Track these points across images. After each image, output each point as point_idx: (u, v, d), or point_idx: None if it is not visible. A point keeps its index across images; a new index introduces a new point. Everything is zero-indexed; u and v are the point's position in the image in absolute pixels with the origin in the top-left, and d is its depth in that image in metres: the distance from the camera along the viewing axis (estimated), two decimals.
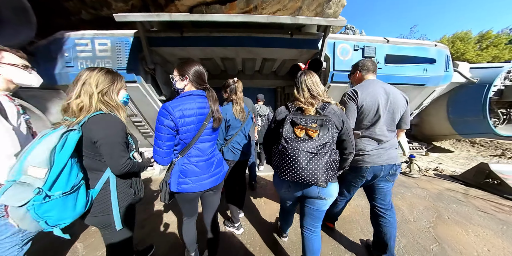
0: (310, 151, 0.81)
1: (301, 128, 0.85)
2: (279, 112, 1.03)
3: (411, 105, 3.50)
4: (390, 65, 2.84)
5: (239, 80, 1.54)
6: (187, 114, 0.89)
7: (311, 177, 0.81)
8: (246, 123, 1.58)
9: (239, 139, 1.54)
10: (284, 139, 0.85)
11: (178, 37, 2.53)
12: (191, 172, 0.96)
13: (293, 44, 2.62)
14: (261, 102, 3.10)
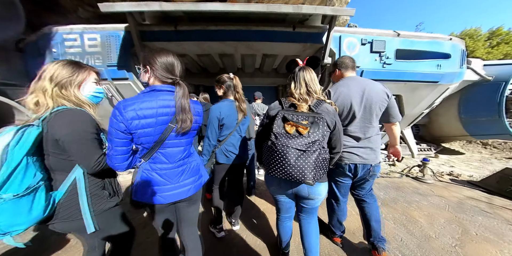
0: (299, 148, 0.80)
1: (291, 124, 0.84)
2: (272, 108, 1.01)
3: (421, 104, 3.28)
4: (400, 61, 2.63)
5: (236, 76, 1.37)
6: (143, 114, 0.73)
7: (299, 174, 0.81)
8: (242, 123, 1.41)
9: (233, 140, 1.36)
10: (274, 135, 0.84)
11: (172, 31, 2.36)
12: (153, 181, 0.81)
13: (295, 38, 2.43)
14: (259, 100, 2.90)
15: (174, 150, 0.83)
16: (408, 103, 3.19)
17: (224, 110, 1.28)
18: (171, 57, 0.79)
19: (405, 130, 4.37)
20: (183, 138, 0.84)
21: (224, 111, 1.28)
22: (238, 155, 1.38)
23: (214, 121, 1.26)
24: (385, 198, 2.02)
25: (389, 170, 3.73)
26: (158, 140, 0.77)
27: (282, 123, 0.86)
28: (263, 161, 0.93)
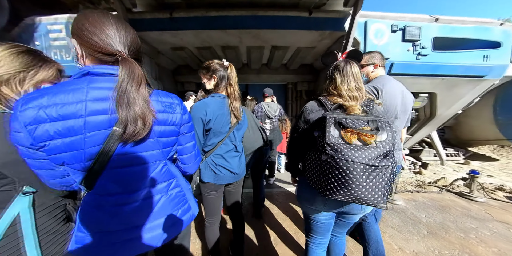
0: (370, 163, 0.61)
1: (351, 131, 0.66)
2: (310, 110, 0.84)
3: (458, 103, 2.78)
4: (439, 52, 2.17)
5: (231, 65, 1.02)
6: (58, 113, 0.42)
7: (371, 197, 0.62)
8: (238, 127, 1.05)
9: (224, 150, 1.00)
10: (330, 146, 0.65)
11: (167, 18, 2.04)
12: (96, 222, 0.50)
13: (311, 25, 2.04)
14: (269, 98, 2.47)
15: (133, 171, 0.51)
16: (442, 103, 2.72)
17: (212, 109, 0.92)
18: (108, 19, 0.46)
19: (432, 133, 3.86)
20: (148, 150, 0.52)
21: (212, 110, 0.92)
22: (231, 172, 1.02)
23: (198, 124, 0.91)
24: (429, 223, 1.58)
25: (416, 179, 3.24)
26: (98, 156, 0.45)
27: (337, 130, 0.67)
28: (310, 179, 0.76)
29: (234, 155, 1.04)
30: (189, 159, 0.69)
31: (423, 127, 3.25)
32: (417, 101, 2.70)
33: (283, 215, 1.75)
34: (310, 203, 0.83)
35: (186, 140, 0.65)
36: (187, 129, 0.64)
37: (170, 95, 0.59)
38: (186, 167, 0.70)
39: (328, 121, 0.68)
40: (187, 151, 0.67)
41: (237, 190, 1.13)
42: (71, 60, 2.23)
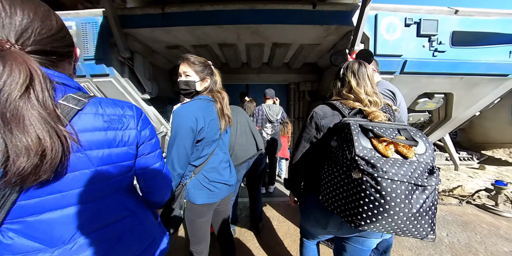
0: (417, 182, 0.46)
1: (387, 141, 0.52)
2: (322, 115, 0.70)
3: (477, 105, 2.54)
4: (458, 47, 1.96)
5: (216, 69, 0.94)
6: None
7: (419, 227, 0.47)
8: (224, 132, 0.92)
9: (216, 162, 0.85)
10: (364, 160, 0.49)
11: (159, 14, 1.89)
12: None
13: (316, 19, 1.85)
14: (271, 100, 2.31)
15: (52, 220, 0.35)
16: (459, 104, 2.49)
17: (202, 114, 0.76)
18: None
19: (445, 136, 3.60)
20: (77, 187, 0.36)
21: (204, 116, 0.77)
22: (227, 185, 0.87)
23: (186, 134, 0.73)
24: (452, 244, 1.36)
25: None
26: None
27: (368, 139, 0.54)
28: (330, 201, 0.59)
29: (225, 166, 0.90)
30: (155, 185, 0.53)
31: (436, 130, 3.01)
32: (431, 103, 2.48)
33: (283, 231, 1.57)
34: (322, 226, 0.68)
35: (148, 163, 0.49)
36: (150, 148, 0.49)
37: (119, 104, 0.44)
38: (152, 196, 0.54)
39: (354, 128, 0.55)
40: (151, 176, 0.51)
41: (226, 208, 0.97)
42: None
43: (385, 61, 1.92)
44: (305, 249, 0.88)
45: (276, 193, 2.38)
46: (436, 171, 0.51)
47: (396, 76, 2.03)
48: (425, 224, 0.48)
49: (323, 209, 0.64)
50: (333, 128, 0.66)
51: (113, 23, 1.81)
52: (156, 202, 0.56)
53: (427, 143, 0.54)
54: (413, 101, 2.41)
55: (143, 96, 2.42)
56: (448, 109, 2.61)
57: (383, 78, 2.02)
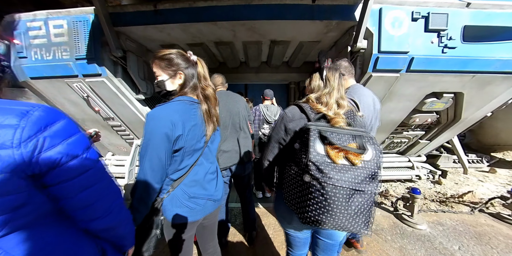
0: (356, 187, 0.54)
1: (339, 149, 0.57)
2: (291, 118, 0.74)
3: (490, 105, 2.39)
4: (470, 43, 1.82)
5: (200, 60, 0.80)
6: None
7: (355, 225, 0.56)
8: (212, 139, 0.78)
9: (200, 174, 0.73)
10: (315, 165, 0.55)
11: (151, 11, 1.82)
12: None
13: (315, 14, 1.75)
14: (269, 100, 2.23)
15: None
16: (470, 104, 2.34)
17: (181, 119, 0.65)
18: None
19: (453, 138, 3.43)
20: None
21: (183, 121, 0.65)
22: (210, 200, 0.75)
23: (161, 142, 0.62)
24: None
25: (435, 191, 2.85)
26: None
27: (323, 146, 0.58)
28: (288, 198, 0.66)
29: (211, 178, 0.78)
30: (92, 211, 0.42)
31: (444, 131, 2.85)
32: (440, 103, 2.33)
33: (280, 240, 1.47)
34: (288, 221, 0.76)
35: (73, 190, 0.38)
36: (70, 173, 0.37)
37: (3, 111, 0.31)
38: (93, 224, 0.43)
39: (311, 134, 0.59)
40: (83, 204, 0.40)
41: (213, 222, 0.86)
42: (52, 59, 2.06)
43: (390, 59, 1.80)
44: None
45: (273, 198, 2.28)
46: (376, 176, 0.57)
47: (402, 75, 1.90)
48: (360, 222, 0.56)
49: (287, 206, 0.68)
50: (298, 131, 0.69)
51: (103, 21, 1.74)
52: (102, 229, 0.44)
53: (375, 150, 0.58)
54: (420, 101, 2.27)
55: (137, 97, 2.35)
56: (458, 110, 2.46)
57: (386, 77, 1.91)
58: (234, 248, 1.39)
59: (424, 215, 1.78)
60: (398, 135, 2.89)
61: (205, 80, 0.77)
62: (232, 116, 1.37)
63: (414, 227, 1.59)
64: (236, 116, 1.39)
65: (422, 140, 3.07)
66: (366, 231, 0.57)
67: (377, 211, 1.87)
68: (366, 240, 1.46)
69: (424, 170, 3.50)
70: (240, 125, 1.40)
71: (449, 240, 1.43)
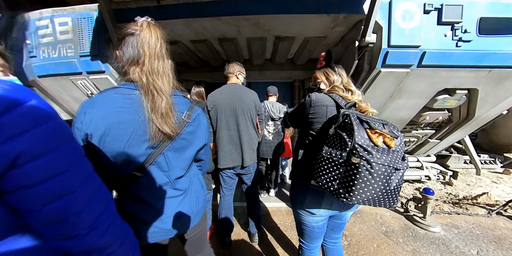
0: (396, 166, 0.61)
1: (378, 133, 0.64)
2: (317, 101, 0.79)
3: (506, 101, 2.27)
4: (486, 36, 1.73)
5: (152, 23, 0.58)
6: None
7: (388, 200, 0.62)
8: (176, 146, 0.60)
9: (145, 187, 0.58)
10: (362, 147, 0.61)
11: (154, 6, 1.80)
12: None
13: (322, 8, 1.69)
14: (273, 97, 2.18)
15: None
16: (484, 101, 2.23)
17: (100, 114, 0.51)
18: None
19: (465, 137, 3.30)
20: None
21: (101, 116, 0.51)
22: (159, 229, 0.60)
23: (75, 151, 0.37)
24: None
25: (446, 192, 2.74)
26: None
27: (364, 130, 0.65)
28: (325, 181, 0.68)
29: (169, 196, 0.61)
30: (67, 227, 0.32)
31: (456, 130, 2.74)
32: (452, 100, 2.23)
33: (285, 242, 1.42)
34: (314, 207, 0.79)
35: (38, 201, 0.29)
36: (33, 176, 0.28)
37: None
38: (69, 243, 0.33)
39: (354, 119, 0.64)
40: (55, 218, 0.31)
41: (197, 237, 0.73)
42: (57, 57, 2.07)
43: (400, 53, 1.72)
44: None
45: (280, 197, 2.22)
46: (406, 157, 0.66)
47: (412, 70, 1.82)
48: (395, 197, 0.63)
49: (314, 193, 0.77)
50: (333, 117, 0.73)
51: (107, 17, 1.73)
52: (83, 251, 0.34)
53: (401, 136, 0.68)
54: (431, 98, 2.17)
55: None
56: (471, 107, 2.35)
57: (396, 73, 1.83)
58: (238, 248, 1.35)
59: (437, 217, 1.70)
60: (406, 134, 2.79)
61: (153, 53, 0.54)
62: (234, 112, 1.31)
63: (427, 229, 1.51)
64: (242, 112, 1.32)
65: (432, 139, 2.96)
66: (395, 204, 0.68)
67: (387, 212, 1.79)
68: (376, 242, 1.39)
69: (434, 170, 3.38)
70: (243, 122, 1.32)
71: (466, 244, 1.34)
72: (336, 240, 0.94)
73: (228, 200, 1.40)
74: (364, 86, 1.93)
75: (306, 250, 0.89)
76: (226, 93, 1.34)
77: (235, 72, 1.41)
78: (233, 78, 1.42)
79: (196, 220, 0.67)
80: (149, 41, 0.53)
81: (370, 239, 1.43)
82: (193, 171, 0.70)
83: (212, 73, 3.30)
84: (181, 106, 0.61)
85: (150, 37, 0.54)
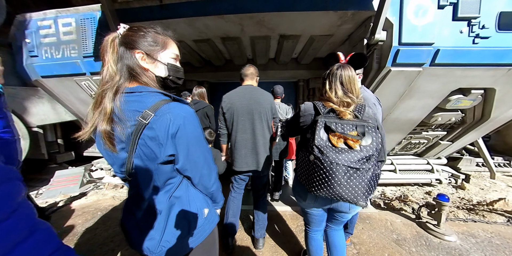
0: (351, 165, 0.69)
1: (338, 136, 0.73)
2: (303, 111, 0.91)
3: None
4: (506, 32, 1.62)
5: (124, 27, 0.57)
6: None
7: (351, 195, 0.71)
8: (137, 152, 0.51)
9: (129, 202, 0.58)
10: (317, 148, 0.72)
11: (157, 6, 1.77)
12: None
13: (328, 4, 1.62)
14: (279, 99, 2.15)
15: None
16: (502, 102, 2.11)
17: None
18: None
19: (479, 140, 3.15)
20: None
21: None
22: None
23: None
24: None
25: (458, 197, 2.61)
26: None
27: (326, 133, 0.74)
28: (299, 175, 0.87)
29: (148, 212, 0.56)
30: None
31: (469, 132, 2.61)
32: (467, 100, 2.12)
33: (289, 248, 1.36)
34: (303, 199, 0.92)
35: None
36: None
37: None
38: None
39: (318, 124, 0.75)
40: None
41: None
42: (61, 57, 2.08)
43: (412, 51, 1.63)
44: (309, 239, 1.05)
45: (284, 201, 2.16)
46: (373, 158, 0.70)
47: (424, 69, 1.73)
48: (355, 193, 0.70)
49: (302, 185, 0.86)
50: (310, 123, 0.85)
51: (109, 17, 1.71)
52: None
53: (374, 137, 0.72)
54: (444, 98, 2.07)
55: None
56: (487, 108, 2.23)
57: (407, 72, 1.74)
58: (241, 254, 1.30)
59: (451, 224, 1.60)
60: (416, 135, 2.68)
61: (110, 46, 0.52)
62: (251, 115, 1.28)
63: (441, 238, 1.42)
64: (259, 115, 1.29)
65: (443, 141, 2.83)
66: (361, 202, 0.70)
67: (397, 218, 1.70)
68: (387, 251, 1.31)
69: (445, 173, 3.24)
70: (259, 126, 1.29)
71: (485, 255, 1.25)
72: (336, 227, 1.04)
73: (237, 201, 1.39)
74: (372, 86, 1.84)
75: (309, 232, 1.05)
76: (243, 96, 1.31)
77: (254, 75, 1.41)
78: (249, 81, 1.40)
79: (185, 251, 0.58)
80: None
81: (381, 247, 1.35)
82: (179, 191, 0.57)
83: (215, 73, 3.27)
84: (139, 104, 0.51)
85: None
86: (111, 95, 0.50)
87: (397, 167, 2.78)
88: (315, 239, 1.04)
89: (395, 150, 2.92)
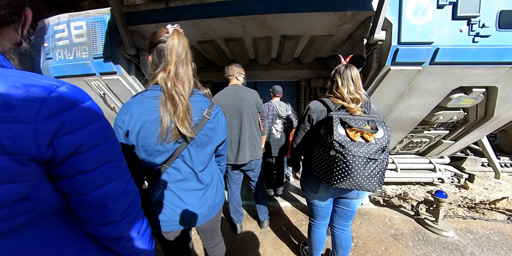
0: (371, 157, 0.75)
1: (356, 130, 0.78)
2: (314, 109, 0.96)
3: None
4: (507, 30, 1.63)
5: (177, 30, 0.63)
6: None
7: (370, 184, 0.77)
8: (199, 143, 0.65)
9: (172, 179, 0.65)
10: (338, 143, 0.77)
11: (163, 9, 1.85)
12: None
13: (328, 5, 1.67)
14: (278, 97, 2.21)
15: None
16: (504, 100, 2.11)
17: (134, 111, 0.58)
18: None
19: (483, 139, 3.12)
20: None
21: (135, 113, 0.57)
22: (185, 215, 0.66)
23: (118, 145, 0.45)
24: None
25: (461, 196, 2.60)
26: None
27: (343, 129, 0.79)
28: (316, 171, 0.89)
29: (192, 188, 0.66)
30: (107, 213, 0.36)
31: (472, 131, 2.60)
32: (468, 98, 2.12)
33: (289, 241, 1.41)
34: (314, 191, 0.95)
35: (90, 185, 0.33)
36: (90, 163, 0.33)
37: (23, 79, 0.28)
38: (104, 229, 0.37)
39: (335, 120, 0.79)
40: (96, 205, 0.35)
41: (210, 227, 0.77)
42: (73, 59, 2.19)
43: (411, 50, 1.66)
44: (313, 233, 1.07)
45: (284, 197, 2.21)
46: (386, 149, 0.77)
47: (424, 68, 1.75)
48: (374, 182, 0.76)
49: (314, 178, 0.91)
50: (322, 120, 0.90)
51: (118, 19, 1.80)
52: (112, 238, 0.38)
53: (385, 131, 0.78)
54: (445, 97, 2.08)
55: None
56: (489, 107, 2.22)
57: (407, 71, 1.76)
58: (242, 246, 1.36)
59: (450, 221, 1.61)
60: (418, 134, 2.68)
61: (179, 60, 0.58)
62: (238, 112, 1.36)
63: (439, 233, 1.44)
64: (243, 111, 1.37)
65: (446, 140, 2.82)
66: (379, 190, 0.76)
67: (395, 215, 1.73)
68: (384, 245, 1.35)
69: (448, 173, 3.22)
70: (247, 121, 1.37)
71: (482, 251, 1.26)
72: (344, 227, 1.03)
73: (235, 193, 1.52)
74: (372, 85, 1.88)
75: (313, 226, 1.07)
76: (228, 94, 1.40)
77: (235, 74, 1.48)
78: (234, 80, 1.48)
79: (214, 212, 0.73)
80: (177, 49, 0.58)
81: (378, 241, 1.38)
82: (213, 166, 0.74)
83: (219, 73, 3.34)
84: (202, 104, 0.65)
85: (179, 45, 0.59)
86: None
87: (398, 166, 2.79)
88: (319, 233, 1.06)
89: (396, 149, 2.92)
